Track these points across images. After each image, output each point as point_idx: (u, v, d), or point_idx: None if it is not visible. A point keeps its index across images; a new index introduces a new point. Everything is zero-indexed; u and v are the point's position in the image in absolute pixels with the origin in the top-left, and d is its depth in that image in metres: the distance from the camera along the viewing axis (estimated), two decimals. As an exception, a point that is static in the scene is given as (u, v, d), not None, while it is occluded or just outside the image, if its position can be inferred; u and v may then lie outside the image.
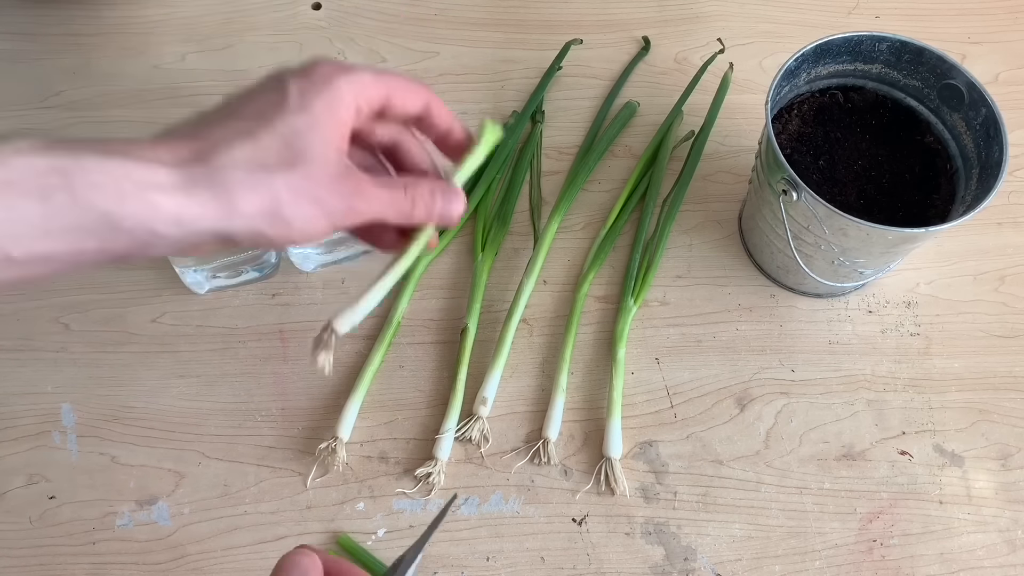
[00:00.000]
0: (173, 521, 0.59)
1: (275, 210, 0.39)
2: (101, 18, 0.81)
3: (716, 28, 0.82)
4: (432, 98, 0.46)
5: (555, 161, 0.75)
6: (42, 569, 0.57)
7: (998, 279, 0.70)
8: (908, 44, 0.64)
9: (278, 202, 0.39)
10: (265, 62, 0.79)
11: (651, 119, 0.77)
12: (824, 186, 0.64)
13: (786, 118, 0.67)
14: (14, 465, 0.60)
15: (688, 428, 0.63)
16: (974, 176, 0.63)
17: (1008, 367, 0.67)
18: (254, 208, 0.38)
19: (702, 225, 0.72)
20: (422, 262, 0.68)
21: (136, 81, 0.77)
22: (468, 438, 0.62)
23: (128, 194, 0.36)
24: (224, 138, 0.39)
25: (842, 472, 0.62)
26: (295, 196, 0.39)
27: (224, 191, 0.38)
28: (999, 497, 0.62)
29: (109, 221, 0.36)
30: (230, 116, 0.41)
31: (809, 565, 0.59)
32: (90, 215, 0.36)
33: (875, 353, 0.67)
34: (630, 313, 0.66)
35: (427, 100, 0.45)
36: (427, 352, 0.66)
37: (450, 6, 0.83)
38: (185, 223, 0.37)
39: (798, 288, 0.69)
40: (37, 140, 0.36)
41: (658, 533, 0.60)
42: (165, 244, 0.37)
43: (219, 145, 0.39)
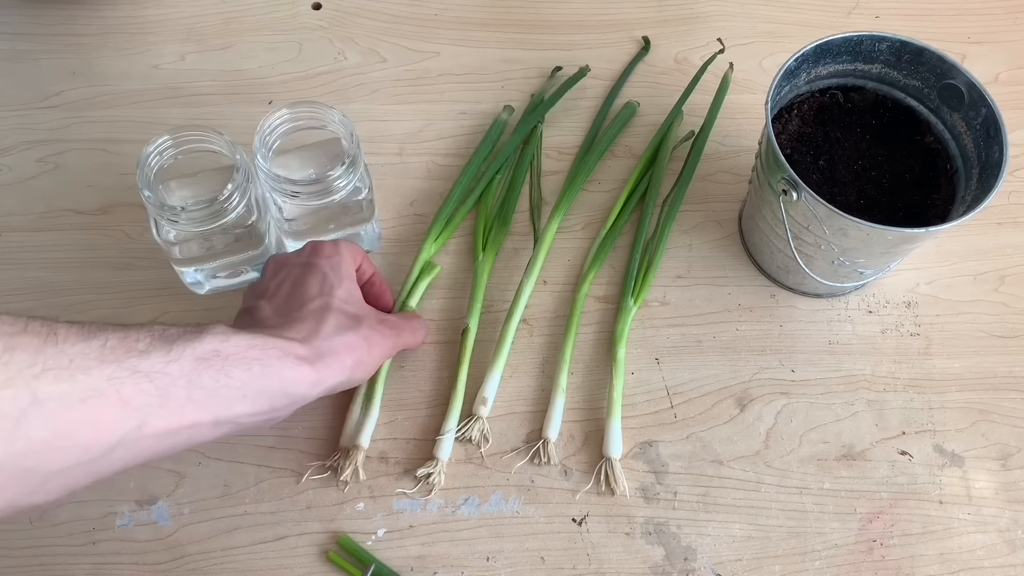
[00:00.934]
0: (173, 521, 0.59)
1: (360, 359, 0.52)
2: (101, 18, 0.81)
3: (716, 28, 0.82)
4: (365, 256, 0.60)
5: (555, 161, 0.75)
6: (42, 569, 0.57)
7: (998, 279, 0.70)
8: (908, 44, 0.64)
9: (360, 352, 0.52)
10: (265, 62, 0.79)
11: (651, 119, 0.77)
12: (824, 186, 0.64)
13: (786, 118, 0.67)
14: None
15: (688, 428, 0.63)
16: (974, 176, 0.63)
17: (1008, 367, 0.67)
18: (351, 362, 0.51)
19: (702, 225, 0.72)
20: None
21: (136, 81, 0.77)
22: (468, 438, 0.62)
23: (288, 364, 0.47)
24: (313, 317, 0.52)
25: (842, 472, 0.62)
26: (368, 345, 0.53)
27: (334, 356, 0.50)
28: (999, 497, 0.62)
29: (280, 386, 0.47)
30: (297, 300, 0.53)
31: (809, 565, 0.59)
32: (271, 380, 0.46)
33: (875, 353, 0.67)
34: (630, 313, 0.66)
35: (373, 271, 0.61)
36: (427, 352, 0.66)
37: (450, 6, 0.83)
38: (318, 383, 0.49)
39: (798, 288, 0.69)
40: (226, 325, 0.47)
41: (658, 533, 0.60)
42: (304, 401, 0.49)
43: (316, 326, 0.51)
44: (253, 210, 0.61)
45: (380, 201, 0.70)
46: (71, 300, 0.66)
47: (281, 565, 0.58)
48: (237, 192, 0.58)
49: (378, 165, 0.73)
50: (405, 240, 0.70)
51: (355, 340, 0.51)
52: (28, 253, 0.69)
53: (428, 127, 0.76)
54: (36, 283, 0.67)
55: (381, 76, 0.79)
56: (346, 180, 0.59)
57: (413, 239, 0.70)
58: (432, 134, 0.76)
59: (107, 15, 0.81)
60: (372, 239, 0.68)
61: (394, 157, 0.74)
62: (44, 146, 0.73)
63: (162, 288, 0.67)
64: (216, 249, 0.62)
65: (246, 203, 0.59)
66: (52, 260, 0.68)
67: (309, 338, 0.49)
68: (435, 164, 0.74)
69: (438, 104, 0.78)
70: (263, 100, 0.77)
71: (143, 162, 0.58)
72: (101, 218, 0.70)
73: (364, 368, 0.52)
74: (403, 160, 0.74)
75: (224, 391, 0.44)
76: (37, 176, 0.72)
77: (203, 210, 0.57)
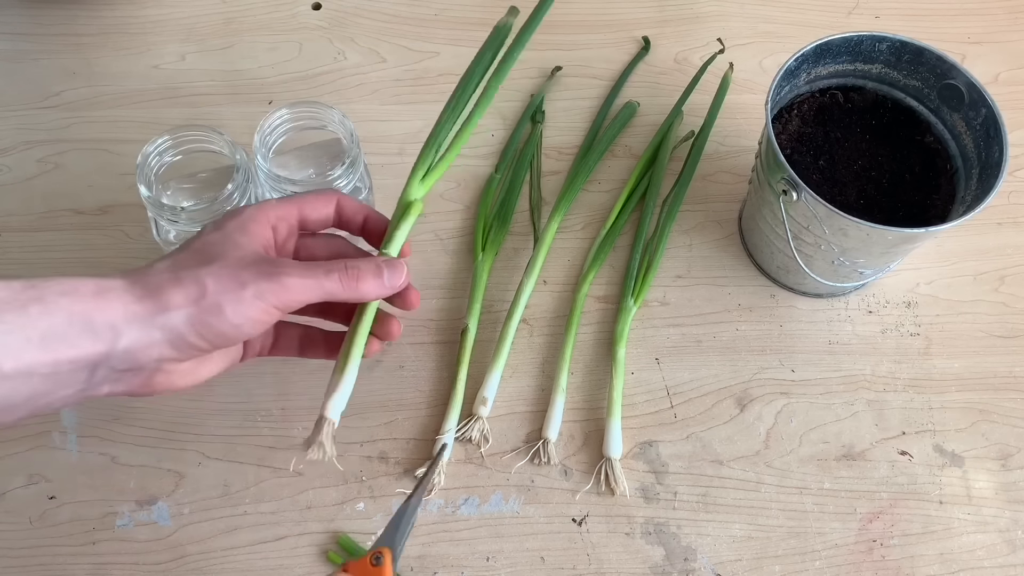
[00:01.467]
0: (173, 521, 0.59)
1: (202, 296, 0.44)
2: (101, 18, 0.81)
3: (716, 28, 0.82)
4: (340, 198, 0.53)
5: (555, 161, 0.75)
6: (42, 569, 0.57)
7: (998, 279, 0.70)
8: (908, 44, 0.64)
9: (203, 288, 0.44)
10: (265, 62, 0.79)
11: (651, 119, 0.77)
12: (824, 186, 0.64)
13: (786, 118, 0.67)
14: (14, 465, 0.60)
15: (688, 428, 0.63)
16: (974, 176, 0.63)
17: (1008, 367, 0.67)
18: (184, 299, 0.43)
19: (702, 225, 0.72)
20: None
21: (136, 81, 0.77)
22: (468, 438, 0.62)
23: (87, 295, 0.42)
24: (155, 261, 0.46)
25: (842, 472, 0.62)
26: (217, 280, 0.44)
27: (156, 289, 0.43)
28: (999, 497, 0.62)
29: (75, 323, 0.41)
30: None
31: (809, 565, 0.59)
32: (59, 317, 0.40)
33: (875, 353, 0.67)
34: (630, 313, 0.66)
35: (335, 201, 0.53)
36: (427, 352, 0.66)
37: (450, 6, 0.83)
38: (136, 319, 0.42)
39: (798, 288, 0.69)
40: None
41: (658, 533, 0.60)
42: (129, 345, 0.42)
43: (152, 264, 0.46)
44: (253, 210, 0.61)
45: (380, 201, 0.70)
46: (71, 300, 0.66)
47: (281, 565, 0.58)
48: (237, 192, 0.58)
49: (378, 165, 0.73)
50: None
51: (195, 274, 0.44)
52: (28, 253, 0.69)
53: (428, 127, 0.76)
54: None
55: (381, 76, 0.79)
56: (346, 180, 0.59)
57: (413, 239, 0.70)
58: (432, 134, 0.76)
59: (107, 15, 0.81)
60: (372, 239, 0.68)
61: (394, 157, 0.74)
62: (44, 146, 0.73)
63: (162, 288, 0.67)
64: (216, 249, 0.62)
65: (246, 203, 0.59)
66: (52, 260, 0.68)
67: (133, 274, 0.44)
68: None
69: (438, 104, 0.77)
70: (263, 100, 0.77)
71: (143, 162, 0.58)
72: (101, 218, 0.70)
73: (218, 309, 0.44)
74: (403, 160, 0.74)
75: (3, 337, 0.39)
76: (37, 176, 0.72)
77: (203, 210, 0.57)
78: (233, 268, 0.45)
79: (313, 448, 0.49)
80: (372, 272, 0.49)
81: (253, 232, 0.48)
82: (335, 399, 0.49)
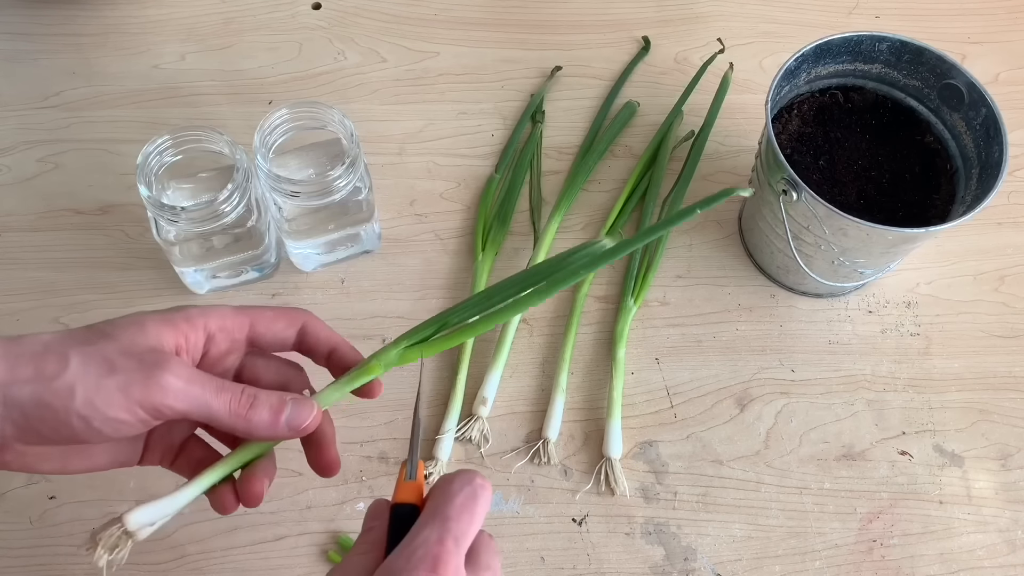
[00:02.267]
0: (173, 521, 0.59)
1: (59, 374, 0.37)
2: (101, 18, 0.81)
3: (716, 28, 0.82)
4: (309, 321, 0.46)
5: (555, 161, 0.75)
6: (42, 569, 0.57)
7: (998, 279, 0.70)
8: (908, 44, 0.64)
9: (64, 365, 0.38)
10: (265, 62, 0.79)
11: (651, 119, 0.77)
12: (824, 186, 0.64)
13: (786, 118, 0.67)
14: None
15: (688, 428, 0.63)
16: (974, 176, 0.63)
17: (1008, 367, 0.67)
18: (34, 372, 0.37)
19: (702, 225, 0.72)
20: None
21: (136, 81, 0.77)
22: (468, 438, 0.62)
23: None
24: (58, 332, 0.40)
25: (842, 472, 0.62)
26: (84, 360, 0.38)
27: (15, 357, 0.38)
28: (999, 497, 0.62)
29: None
30: None
31: (809, 565, 0.59)
32: None
33: (875, 353, 0.67)
34: (630, 313, 0.66)
35: (300, 324, 0.46)
36: (427, 352, 0.66)
37: (450, 6, 0.83)
38: None
39: (798, 288, 0.69)
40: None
41: (658, 533, 0.60)
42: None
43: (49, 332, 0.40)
44: (253, 210, 0.61)
45: (380, 201, 0.70)
46: (71, 300, 0.66)
47: (281, 565, 0.58)
48: (237, 192, 0.58)
49: (378, 165, 0.73)
50: (405, 240, 0.70)
51: (74, 350, 0.38)
52: (28, 253, 0.69)
53: (428, 127, 0.76)
54: (36, 283, 0.67)
55: (381, 76, 0.79)
56: (346, 180, 0.59)
57: (413, 239, 0.70)
58: (432, 134, 0.76)
59: (107, 15, 0.81)
60: (372, 239, 0.68)
61: (394, 157, 0.74)
62: (44, 146, 0.73)
63: (162, 288, 0.67)
64: (216, 249, 0.62)
65: (246, 203, 0.59)
66: (52, 260, 0.68)
67: (16, 338, 0.39)
68: (435, 164, 0.74)
69: (438, 104, 0.78)
70: (263, 100, 0.77)
71: (143, 162, 0.58)
72: (101, 218, 0.70)
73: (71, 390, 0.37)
74: (403, 160, 0.74)
75: None
76: (37, 176, 0.72)
77: (203, 210, 0.57)
78: (113, 352, 0.39)
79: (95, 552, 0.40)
80: (270, 405, 0.41)
81: (176, 328, 0.41)
82: (146, 509, 0.41)
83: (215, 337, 0.43)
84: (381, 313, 0.67)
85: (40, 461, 0.41)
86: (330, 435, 0.46)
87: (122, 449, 0.45)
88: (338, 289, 0.68)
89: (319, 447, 0.45)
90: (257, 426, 0.41)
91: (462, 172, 0.74)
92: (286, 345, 0.46)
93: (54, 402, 0.37)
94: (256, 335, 0.45)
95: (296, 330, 0.46)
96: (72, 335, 0.40)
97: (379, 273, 0.69)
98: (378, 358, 0.45)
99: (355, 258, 0.69)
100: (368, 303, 0.67)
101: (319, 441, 0.45)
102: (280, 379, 0.47)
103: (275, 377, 0.47)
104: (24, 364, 0.38)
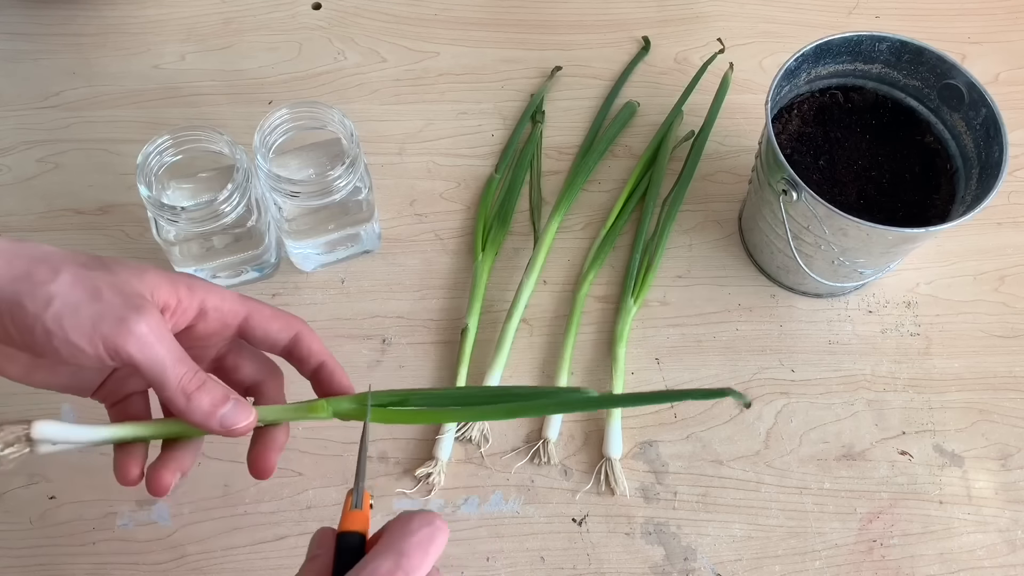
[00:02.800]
0: (173, 521, 0.59)
1: (46, 281, 0.38)
2: (101, 18, 0.81)
3: (716, 28, 0.82)
4: (303, 331, 0.46)
5: (555, 161, 0.75)
6: (42, 569, 0.57)
7: (998, 279, 0.70)
8: (908, 44, 0.64)
9: (53, 274, 0.39)
10: (265, 62, 0.79)
11: (651, 119, 0.77)
12: (824, 186, 0.64)
13: (786, 118, 0.67)
14: (14, 465, 0.60)
15: (688, 428, 0.63)
16: (974, 176, 0.63)
17: (1008, 367, 0.67)
18: (19, 271, 0.38)
19: (702, 225, 0.72)
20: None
21: (136, 81, 0.77)
22: (468, 438, 0.62)
23: None
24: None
25: (842, 472, 0.62)
26: (74, 278, 0.39)
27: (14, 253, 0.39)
28: (999, 497, 0.62)
29: None
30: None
31: (809, 565, 0.59)
32: None
33: (875, 353, 0.67)
34: (630, 313, 0.66)
35: (295, 331, 0.46)
36: (427, 352, 0.66)
37: (450, 6, 0.83)
38: None
39: (798, 288, 0.69)
40: None
41: (658, 533, 0.60)
42: None
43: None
44: (253, 210, 0.61)
45: (380, 201, 0.70)
46: (71, 300, 0.66)
47: (281, 565, 0.58)
48: (237, 192, 0.58)
49: (378, 165, 0.73)
50: (405, 240, 0.70)
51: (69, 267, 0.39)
52: (28, 253, 0.69)
53: (428, 127, 0.76)
54: None
55: (381, 76, 0.79)
56: (346, 180, 0.59)
57: (413, 239, 0.70)
58: (432, 134, 0.76)
59: (107, 15, 0.81)
60: (372, 239, 0.68)
61: (394, 157, 0.74)
62: (44, 146, 0.73)
63: (162, 288, 0.67)
64: (216, 249, 0.62)
65: (246, 203, 0.59)
66: (52, 260, 0.68)
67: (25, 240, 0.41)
68: (435, 164, 0.74)
69: (438, 104, 0.78)
70: (263, 100, 0.77)
71: (143, 162, 0.58)
72: (101, 218, 0.70)
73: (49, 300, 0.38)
74: (403, 160, 0.74)
75: None
76: (37, 176, 0.72)
77: (203, 210, 0.57)
78: (103, 283, 0.39)
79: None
80: (213, 396, 0.41)
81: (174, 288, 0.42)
82: (55, 426, 0.41)
83: (207, 314, 0.43)
84: (381, 313, 0.67)
85: (7, 362, 0.42)
86: (278, 442, 0.46)
87: (84, 377, 0.45)
88: (338, 289, 0.68)
89: (261, 448, 0.46)
90: (194, 410, 0.41)
91: (462, 172, 0.74)
92: (275, 347, 0.46)
93: (28, 305, 0.38)
94: (248, 327, 0.45)
95: (290, 336, 0.46)
96: (74, 255, 0.40)
97: (379, 273, 0.69)
98: (330, 402, 0.45)
99: (355, 258, 0.69)
100: (368, 303, 0.67)
101: (264, 443, 0.46)
102: (257, 375, 0.47)
103: (253, 371, 0.47)
104: (20, 262, 0.39)
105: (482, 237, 0.69)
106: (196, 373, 0.41)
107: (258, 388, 0.47)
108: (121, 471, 0.44)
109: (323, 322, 0.66)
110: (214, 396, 0.42)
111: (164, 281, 0.42)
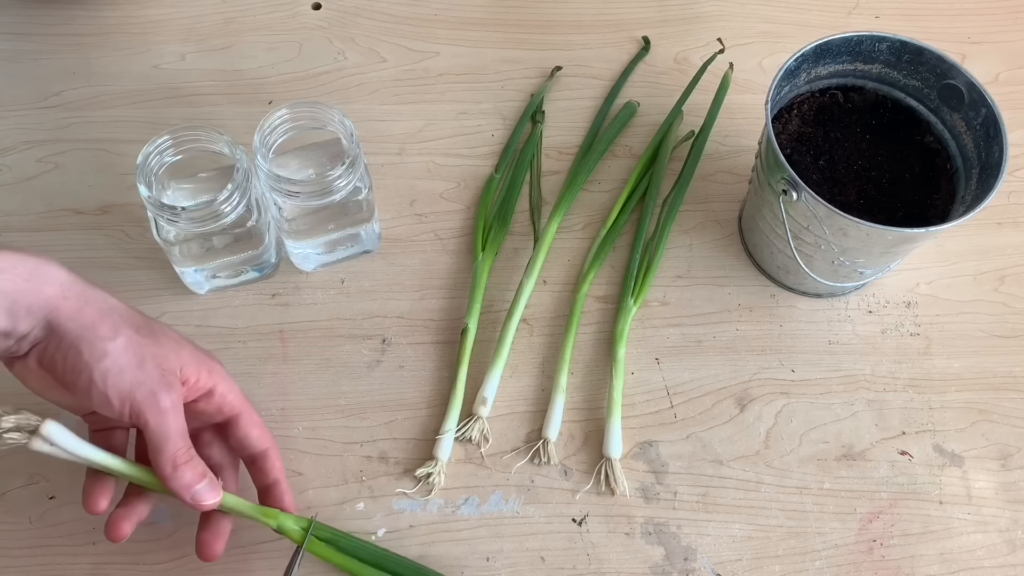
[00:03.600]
0: (173, 521, 0.59)
1: (108, 337, 0.45)
2: (101, 18, 0.81)
3: (716, 28, 0.82)
4: (274, 449, 0.54)
5: (555, 161, 0.75)
6: (42, 569, 0.57)
7: (998, 279, 0.70)
8: (908, 44, 0.64)
9: (114, 332, 0.45)
10: (265, 62, 0.79)
11: (651, 119, 0.77)
12: (824, 186, 0.64)
13: (786, 118, 0.67)
14: (14, 465, 0.60)
15: (688, 428, 0.63)
16: (974, 176, 0.63)
17: (1008, 367, 0.67)
18: (90, 318, 0.45)
19: (702, 225, 0.72)
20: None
21: (136, 81, 0.77)
22: (468, 438, 0.62)
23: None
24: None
25: (842, 472, 0.62)
26: (128, 341, 0.45)
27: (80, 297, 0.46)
28: (999, 497, 0.62)
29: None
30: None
31: (809, 565, 0.59)
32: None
33: (875, 353, 0.67)
34: (630, 313, 0.66)
35: (268, 447, 0.54)
36: (427, 352, 0.66)
37: (450, 6, 0.83)
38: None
39: (798, 288, 0.69)
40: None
41: (658, 533, 0.60)
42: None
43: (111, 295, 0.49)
44: (253, 210, 0.61)
45: (380, 201, 0.70)
46: (71, 300, 0.66)
47: (282, 565, 0.58)
48: (237, 192, 0.58)
49: (378, 165, 0.73)
50: (405, 240, 0.70)
51: (129, 328, 0.46)
52: (28, 253, 0.69)
53: (428, 127, 0.76)
54: None
55: (381, 76, 0.79)
56: (346, 180, 0.59)
57: (413, 239, 0.70)
58: (432, 134, 0.76)
59: (107, 15, 0.81)
60: (372, 239, 0.68)
61: (394, 157, 0.74)
62: (44, 146, 0.73)
63: (162, 288, 0.67)
64: (216, 249, 0.62)
65: (246, 203, 0.59)
66: (52, 260, 0.68)
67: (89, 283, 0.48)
68: (435, 164, 0.74)
69: (438, 104, 0.78)
70: (263, 100, 0.77)
71: (143, 162, 0.58)
72: (101, 218, 0.70)
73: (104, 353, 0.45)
74: (403, 160, 0.74)
75: None
76: (37, 176, 0.72)
77: (203, 210, 0.57)
78: (149, 354, 0.46)
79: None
80: (195, 471, 0.49)
81: (200, 368, 0.49)
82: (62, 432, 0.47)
83: (213, 397, 0.51)
84: (381, 313, 0.67)
85: (29, 376, 0.47)
86: (224, 530, 0.53)
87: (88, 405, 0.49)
88: (338, 289, 0.68)
89: (210, 536, 0.52)
90: (177, 479, 0.48)
91: (462, 172, 0.74)
92: (245, 450, 0.54)
93: (85, 353, 0.44)
94: (236, 424, 0.53)
95: (262, 448, 0.54)
96: (131, 315, 0.47)
97: (379, 273, 0.69)
98: (281, 515, 0.53)
99: (355, 258, 0.69)
100: (368, 303, 0.67)
101: (212, 529, 0.52)
102: (222, 461, 0.55)
103: (220, 456, 0.55)
104: (90, 311, 0.45)
105: (482, 237, 0.69)
106: (188, 449, 0.48)
107: (219, 473, 0.54)
108: (91, 501, 0.50)
109: (323, 322, 0.66)
110: (195, 472, 0.48)
111: (193, 360, 0.49)
